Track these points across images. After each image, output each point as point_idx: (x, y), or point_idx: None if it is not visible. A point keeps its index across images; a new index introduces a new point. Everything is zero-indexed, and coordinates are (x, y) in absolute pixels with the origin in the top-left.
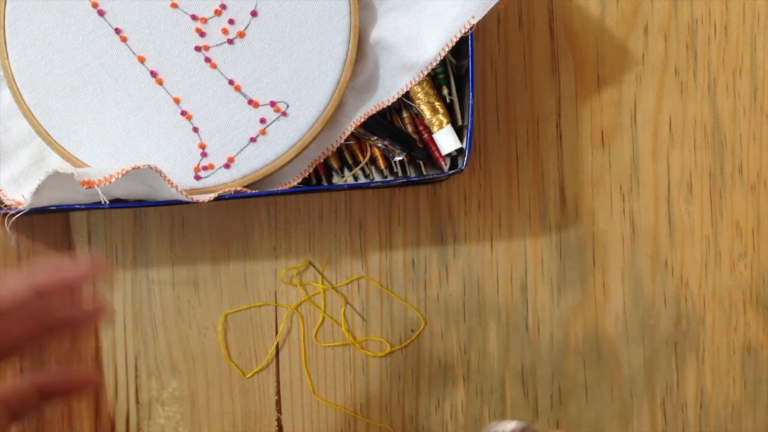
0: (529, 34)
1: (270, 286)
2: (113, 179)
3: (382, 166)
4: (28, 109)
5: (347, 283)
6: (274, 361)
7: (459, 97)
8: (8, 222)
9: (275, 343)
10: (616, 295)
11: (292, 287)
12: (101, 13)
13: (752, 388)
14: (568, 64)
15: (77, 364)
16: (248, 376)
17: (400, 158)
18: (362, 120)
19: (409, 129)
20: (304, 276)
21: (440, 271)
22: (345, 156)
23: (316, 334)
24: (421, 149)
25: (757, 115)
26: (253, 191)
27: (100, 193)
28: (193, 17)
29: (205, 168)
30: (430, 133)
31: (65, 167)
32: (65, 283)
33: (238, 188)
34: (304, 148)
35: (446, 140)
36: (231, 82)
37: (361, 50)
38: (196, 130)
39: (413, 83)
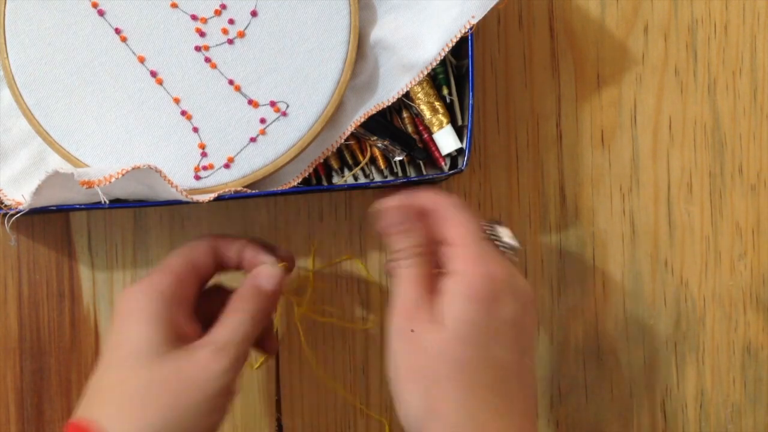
0: (529, 34)
1: None
2: (113, 179)
3: (382, 166)
4: (28, 109)
5: (347, 283)
6: (274, 361)
7: (459, 97)
8: (8, 222)
9: None
10: (616, 295)
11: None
12: (101, 13)
13: (752, 388)
14: (568, 64)
15: (76, 361)
16: (249, 373)
17: (400, 158)
18: (362, 120)
19: (409, 129)
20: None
21: None
22: (345, 156)
23: (316, 335)
24: (421, 149)
25: (757, 115)
26: (253, 191)
27: (100, 193)
28: (193, 17)
29: (205, 168)
30: (430, 133)
31: (65, 167)
32: None
33: (238, 188)
34: (304, 148)
35: (446, 140)
36: (231, 82)
37: (361, 50)
38: (196, 130)
39: (413, 83)
